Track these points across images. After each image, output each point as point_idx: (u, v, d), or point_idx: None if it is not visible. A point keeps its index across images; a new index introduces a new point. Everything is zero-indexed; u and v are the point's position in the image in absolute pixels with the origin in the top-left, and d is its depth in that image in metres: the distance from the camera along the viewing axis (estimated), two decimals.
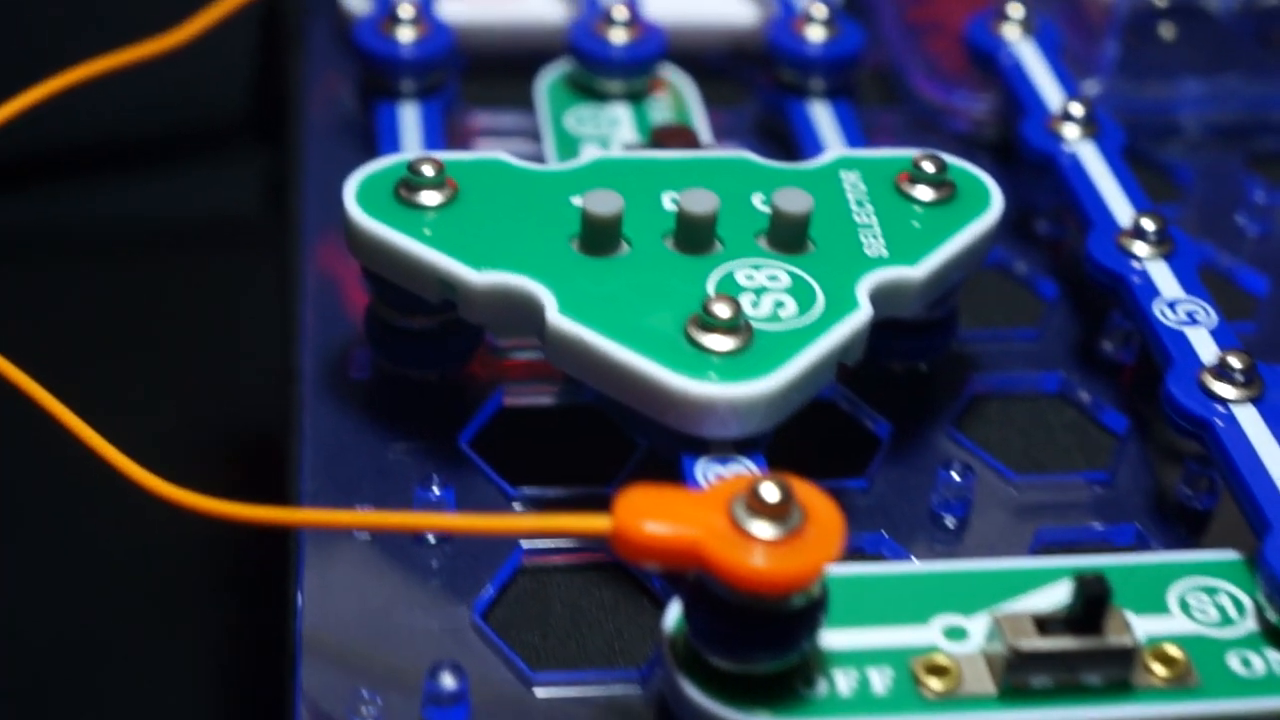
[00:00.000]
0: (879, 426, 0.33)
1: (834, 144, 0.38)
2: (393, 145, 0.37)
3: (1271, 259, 0.38)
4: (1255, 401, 0.30)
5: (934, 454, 0.33)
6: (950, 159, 0.33)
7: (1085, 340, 0.35)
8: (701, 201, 0.31)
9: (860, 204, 0.33)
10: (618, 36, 0.39)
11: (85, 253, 0.52)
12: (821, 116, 0.39)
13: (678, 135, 0.37)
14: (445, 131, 0.38)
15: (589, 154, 0.34)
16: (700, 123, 0.39)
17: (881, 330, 0.31)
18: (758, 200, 0.32)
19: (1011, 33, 0.40)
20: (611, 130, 0.38)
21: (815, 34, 0.39)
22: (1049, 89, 0.39)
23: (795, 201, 0.31)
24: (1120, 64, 0.41)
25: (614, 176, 0.33)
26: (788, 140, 0.40)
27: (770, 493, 0.26)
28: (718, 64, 0.43)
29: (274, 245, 0.42)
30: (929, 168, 0.33)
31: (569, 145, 0.38)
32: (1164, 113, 0.41)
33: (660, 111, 0.39)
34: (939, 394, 0.34)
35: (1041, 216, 0.38)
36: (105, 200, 0.52)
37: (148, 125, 0.52)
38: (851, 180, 0.33)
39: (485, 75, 0.42)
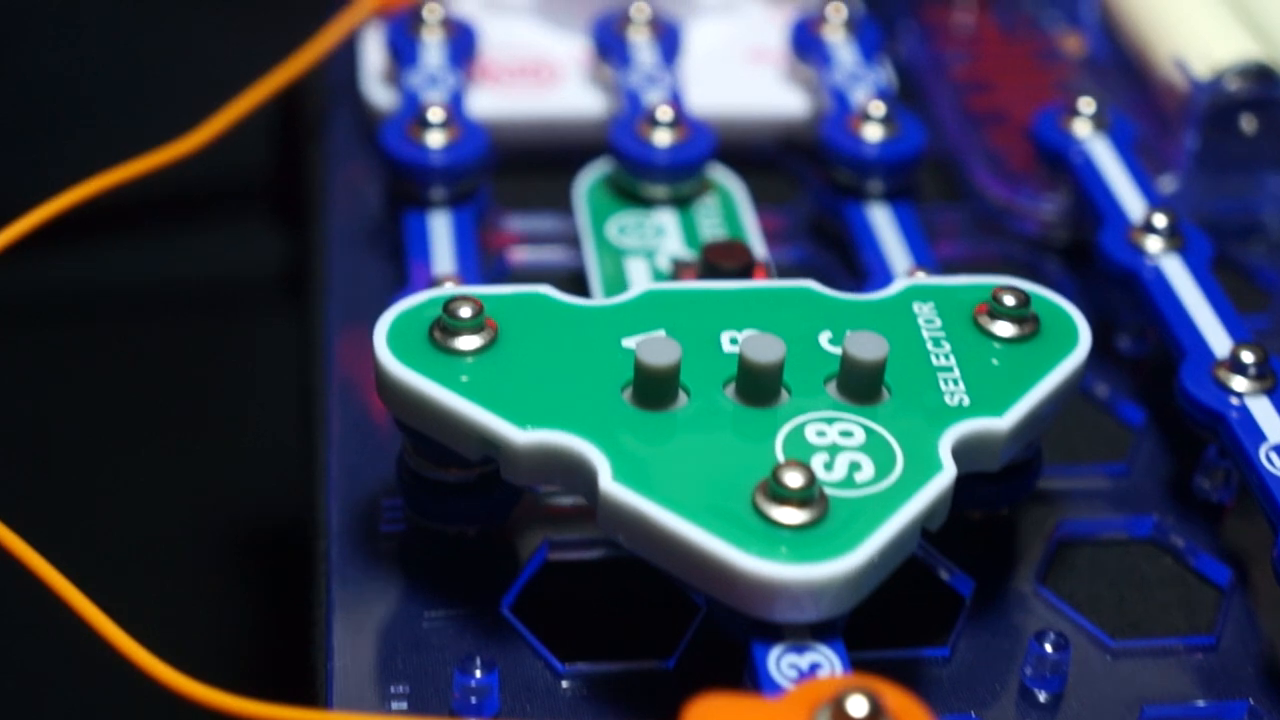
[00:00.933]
0: (959, 582, 0.30)
1: (895, 252, 0.35)
2: (422, 255, 0.34)
3: None
4: None
5: (1021, 614, 0.30)
6: (1032, 289, 0.30)
7: (1178, 476, 0.32)
8: (766, 349, 0.28)
9: (937, 343, 0.30)
10: (662, 138, 0.36)
11: (94, 317, 0.49)
12: (881, 221, 0.36)
13: (730, 252, 0.34)
14: (478, 240, 0.35)
15: (639, 285, 0.31)
16: (751, 228, 0.36)
17: (961, 476, 0.28)
18: (825, 340, 0.29)
19: (1082, 129, 0.37)
20: (657, 241, 0.35)
21: (872, 133, 0.36)
22: (1126, 193, 0.36)
23: (869, 348, 0.28)
24: (1199, 158, 0.38)
25: (667, 312, 0.30)
26: (844, 244, 0.37)
27: (858, 707, 0.23)
28: (767, 156, 0.40)
29: (295, 321, 0.40)
30: (1010, 301, 0.30)
31: (613, 258, 0.35)
32: (1246, 211, 0.38)
33: (708, 217, 0.36)
34: (1022, 542, 0.31)
35: (1122, 331, 0.35)
36: (120, 265, 0.50)
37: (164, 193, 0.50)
38: (926, 314, 0.30)
39: (521, 173, 0.39)
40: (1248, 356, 0.31)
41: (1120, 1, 0.42)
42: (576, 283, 0.35)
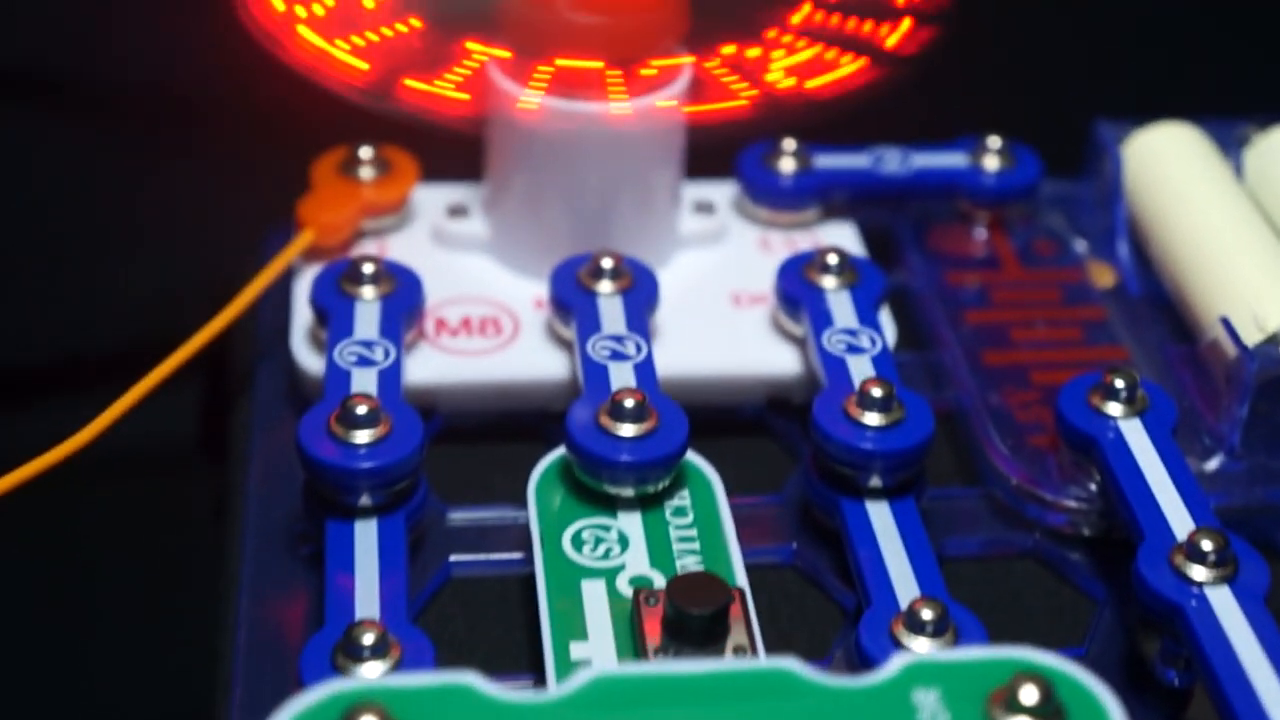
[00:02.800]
0: None
1: (897, 570, 0.30)
2: (343, 593, 0.29)
3: None
4: None
5: None
6: (1059, 666, 0.25)
7: None
8: None
9: None
10: (627, 431, 0.31)
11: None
12: (880, 522, 0.31)
13: (701, 592, 0.28)
14: (409, 554, 0.30)
15: (587, 671, 0.25)
16: (729, 533, 0.30)
17: None
18: None
19: (1115, 410, 0.32)
20: (620, 556, 0.30)
21: (871, 419, 0.31)
22: (1168, 500, 0.30)
23: None
24: (1247, 433, 0.33)
25: (621, 707, 0.25)
26: (837, 541, 0.32)
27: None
28: (750, 417, 0.35)
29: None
30: (1029, 695, 0.24)
31: (567, 580, 0.29)
32: None
33: (680, 518, 0.31)
34: None
35: (1166, 663, 0.30)
36: None
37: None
38: (930, 707, 0.25)
39: (468, 445, 0.34)
40: None
41: (1160, 240, 0.36)
42: (528, 589, 0.30)
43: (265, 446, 0.34)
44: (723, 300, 0.36)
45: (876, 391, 0.31)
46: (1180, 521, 0.30)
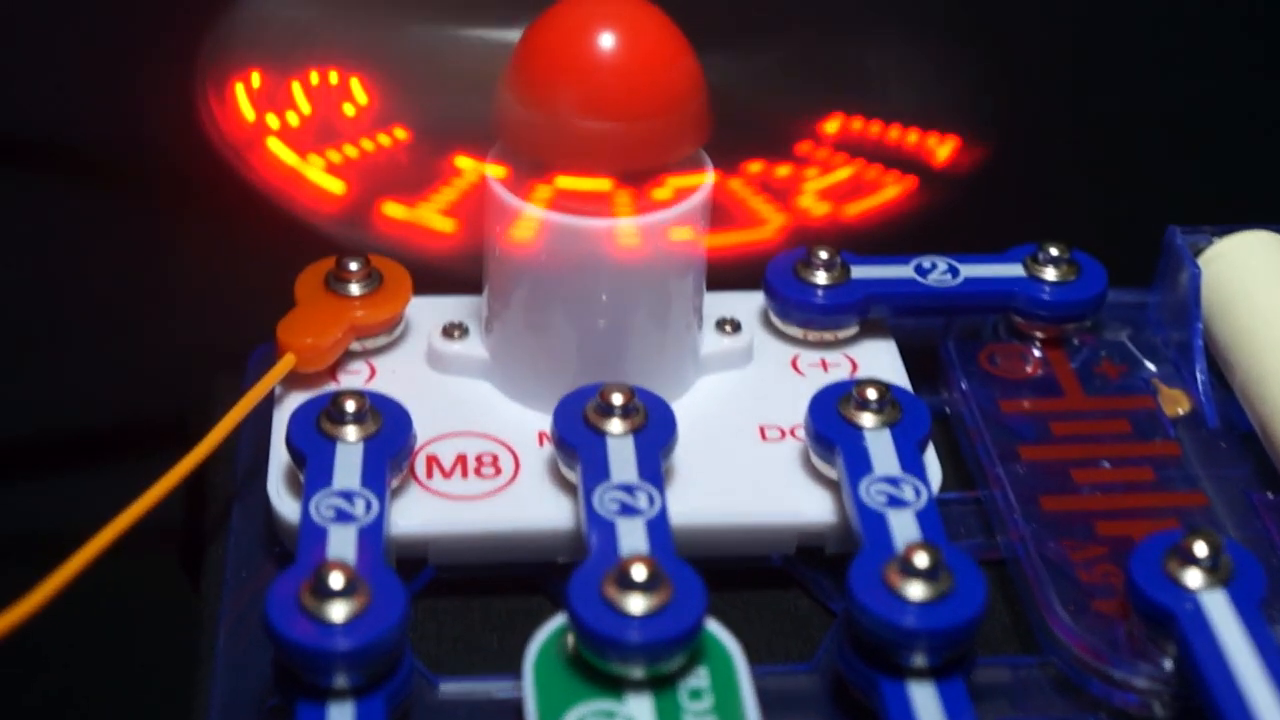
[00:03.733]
0: None
1: None
2: None
3: None
4: None
5: None
6: None
7: None
8: None
9: None
10: (635, 606, 0.27)
11: None
12: (925, 707, 0.27)
13: None
14: None
15: None
16: (751, 712, 0.27)
17: None
18: None
19: (1195, 580, 0.28)
20: None
21: (916, 592, 0.27)
22: (1256, 690, 0.26)
23: None
24: None
25: None
26: None
27: None
28: (777, 566, 0.31)
29: None
30: None
31: None
32: None
33: (696, 701, 0.27)
34: None
35: None
36: None
37: None
38: None
39: (460, 601, 0.31)
40: None
41: (1242, 365, 0.33)
42: None
43: (237, 603, 0.31)
44: (748, 434, 0.32)
45: (921, 559, 0.27)
46: (1270, 714, 0.26)
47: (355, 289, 0.34)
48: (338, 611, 0.27)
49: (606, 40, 0.30)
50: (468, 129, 0.31)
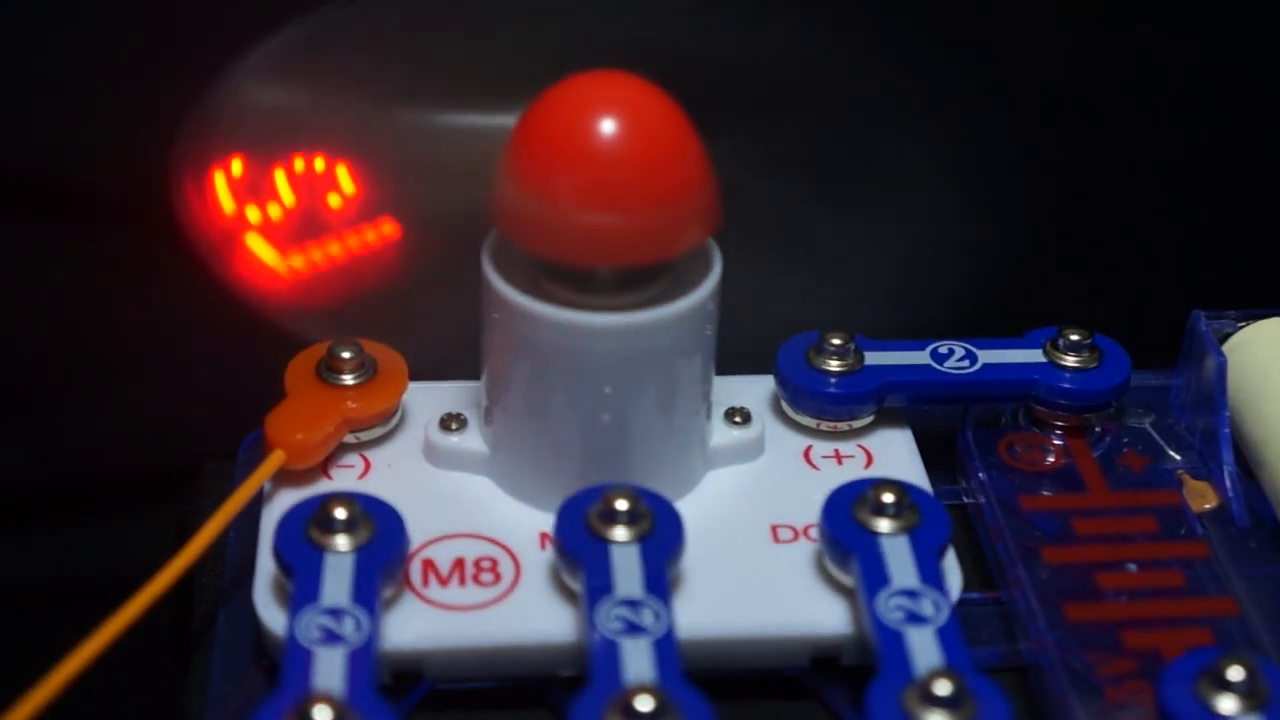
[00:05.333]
0: None
1: None
2: None
3: None
4: None
5: None
6: None
7: None
8: None
9: None
10: None
11: None
12: None
13: None
14: None
15: None
16: None
17: None
18: None
19: (1230, 706, 0.26)
20: None
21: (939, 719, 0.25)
22: None
23: None
24: None
25: None
26: None
27: None
28: (793, 677, 0.29)
29: None
30: None
31: None
32: None
33: None
34: None
35: None
36: None
37: None
38: None
39: (459, 713, 0.29)
40: None
41: (1271, 460, 0.31)
42: None
43: (223, 717, 0.29)
44: (760, 534, 0.30)
45: (943, 688, 0.26)
46: None
47: (348, 379, 0.32)
48: None
49: (607, 126, 0.28)
50: (461, 219, 0.29)
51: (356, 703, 0.26)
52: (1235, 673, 0.26)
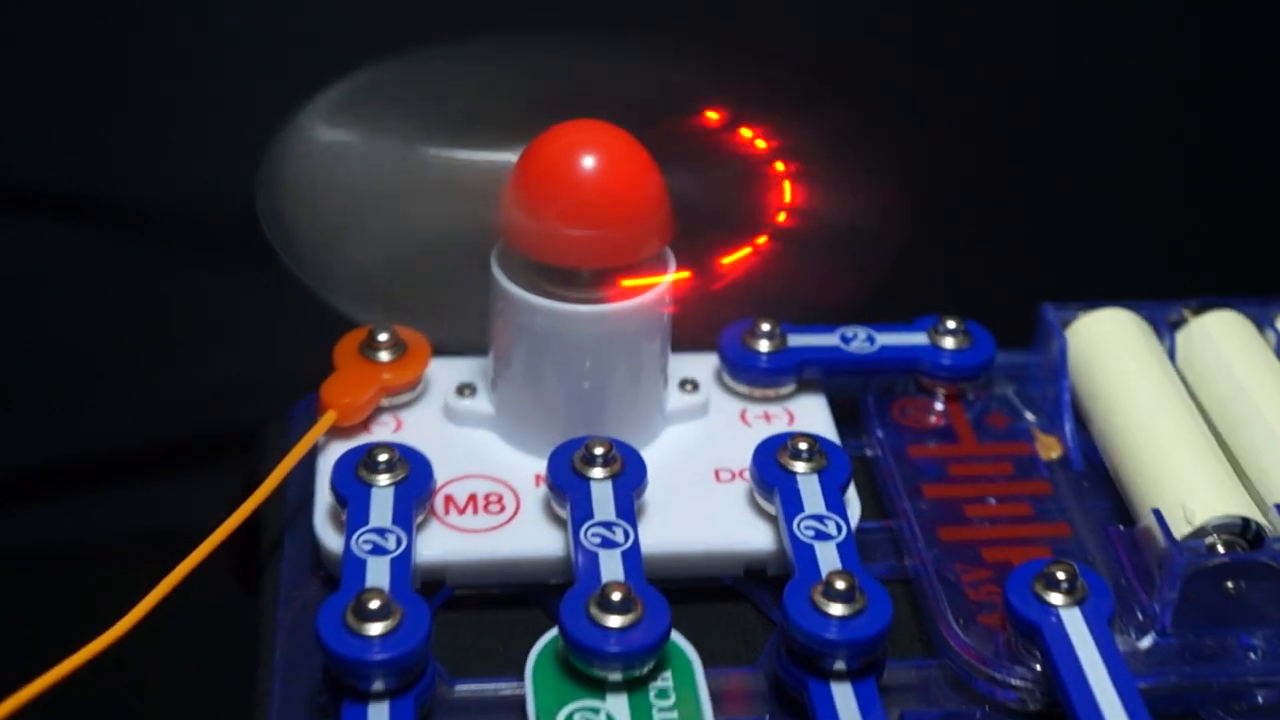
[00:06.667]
0: None
1: None
2: None
3: None
4: None
5: None
6: None
7: None
8: None
9: None
10: (615, 620, 0.30)
11: None
12: (843, 703, 0.30)
13: None
14: None
15: None
16: (706, 709, 0.30)
17: None
18: None
19: (1057, 599, 0.31)
20: None
21: (836, 610, 0.30)
22: (1103, 694, 0.29)
23: None
24: (1179, 618, 0.32)
25: None
26: (807, 715, 0.31)
27: None
28: (730, 585, 0.34)
29: None
30: None
31: None
32: (1229, 676, 0.32)
33: (663, 699, 0.30)
34: None
35: None
36: None
37: None
38: None
39: (474, 614, 0.34)
40: None
41: (1099, 421, 0.36)
42: None
43: (289, 617, 0.33)
44: (705, 476, 0.35)
45: (840, 584, 0.31)
46: (1112, 709, 0.29)
47: (384, 355, 0.37)
48: (375, 629, 0.30)
49: (587, 161, 0.33)
50: (475, 233, 0.34)
51: (398, 598, 0.31)
52: (1061, 575, 0.31)
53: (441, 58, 0.34)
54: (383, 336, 0.36)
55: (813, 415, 0.37)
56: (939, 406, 0.38)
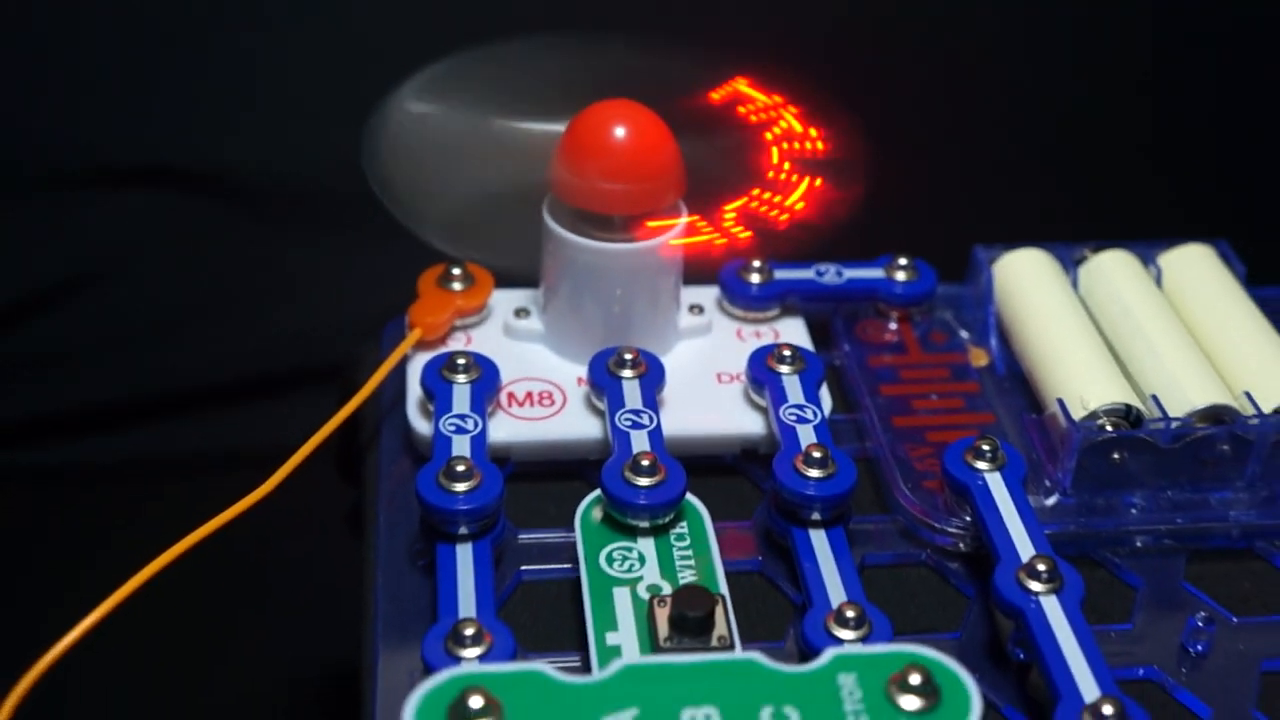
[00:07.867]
0: None
1: (829, 574, 0.35)
2: (450, 588, 0.34)
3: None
4: None
5: None
6: (936, 657, 0.30)
7: None
8: None
9: (856, 715, 0.29)
10: (643, 482, 0.36)
11: None
12: (819, 545, 0.36)
13: (695, 600, 0.33)
14: (494, 566, 0.35)
15: (618, 661, 0.31)
16: (714, 551, 0.35)
17: None
18: (766, 716, 0.29)
19: (983, 465, 0.37)
20: (640, 570, 0.35)
21: (814, 474, 0.36)
22: (1017, 533, 0.35)
23: None
24: (1077, 481, 0.38)
25: (640, 686, 0.30)
26: (789, 556, 0.36)
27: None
28: (729, 463, 0.40)
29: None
30: (915, 679, 0.30)
31: (603, 587, 0.34)
32: (1117, 524, 0.38)
33: (680, 541, 0.36)
34: None
35: (1015, 644, 0.35)
36: None
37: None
38: (849, 686, 0.30)
39: (535, 483, 0.39)
40: (1108, 709, 0.30)
41: (1017, 336, 0.41)
42: (577, 591, 0.35)
43: (389, 488, 0.39)
44: (709, 379, 0.41)
45: (816, 454, 0.36)
46: (1024, 549, 0.35)
47: (457, 286, 0.42)
48: (461, 487, 0.35)
49: (619, 131, 0.38)
50: (531, 187, 0.40)
51: (478, 464, 0.36)
52: (986, 447, 0.37)
53: (507, 49, 0.39)
54: (456, 270, 0.42)
55: (793, 332, 0.43)
56: (893, 326, 0.43)
